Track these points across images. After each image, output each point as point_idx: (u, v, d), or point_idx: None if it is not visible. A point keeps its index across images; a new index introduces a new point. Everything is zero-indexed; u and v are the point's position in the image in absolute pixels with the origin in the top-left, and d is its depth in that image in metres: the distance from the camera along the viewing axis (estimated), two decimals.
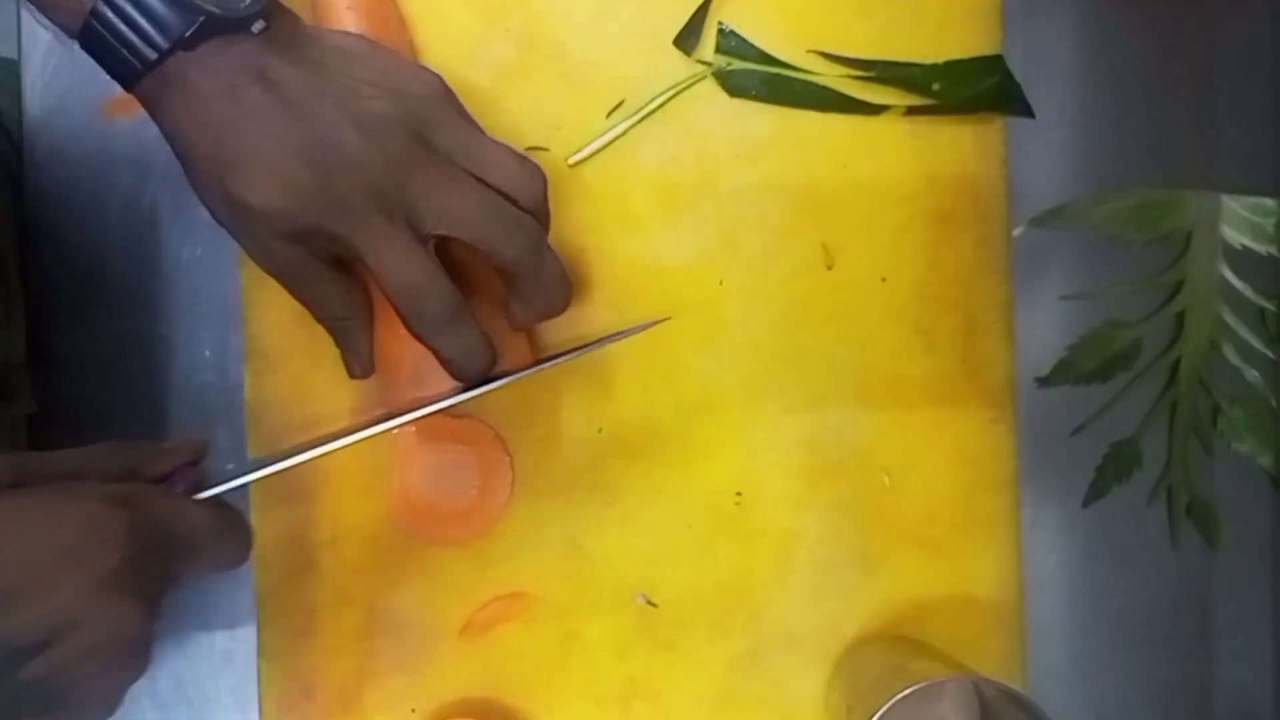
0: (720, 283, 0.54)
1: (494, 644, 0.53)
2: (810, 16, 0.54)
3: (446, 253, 0.48)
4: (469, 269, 0.49)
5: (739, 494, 0.54)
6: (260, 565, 0.53)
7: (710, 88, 0.54)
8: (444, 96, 0.45)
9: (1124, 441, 0.56)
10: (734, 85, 0.54)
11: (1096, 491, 0.55)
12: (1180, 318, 0.56)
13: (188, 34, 0.40)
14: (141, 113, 0.43)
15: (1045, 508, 0.56)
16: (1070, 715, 0.55)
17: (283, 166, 0.42)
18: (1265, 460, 0.55)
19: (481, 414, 0.53)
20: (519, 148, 0.46)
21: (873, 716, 0.45)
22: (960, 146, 0.54)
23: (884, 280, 0.54)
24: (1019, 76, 0.53)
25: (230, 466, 0.42)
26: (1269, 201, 0.55)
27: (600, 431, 0.54)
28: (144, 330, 0.55)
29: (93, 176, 0.55)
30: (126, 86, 0.43)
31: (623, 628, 0.54)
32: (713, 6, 0.54)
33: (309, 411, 0.53)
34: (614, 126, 0.54)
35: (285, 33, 0.43)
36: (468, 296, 0.45)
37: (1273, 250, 0.55)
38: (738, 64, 0.54)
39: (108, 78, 0.42)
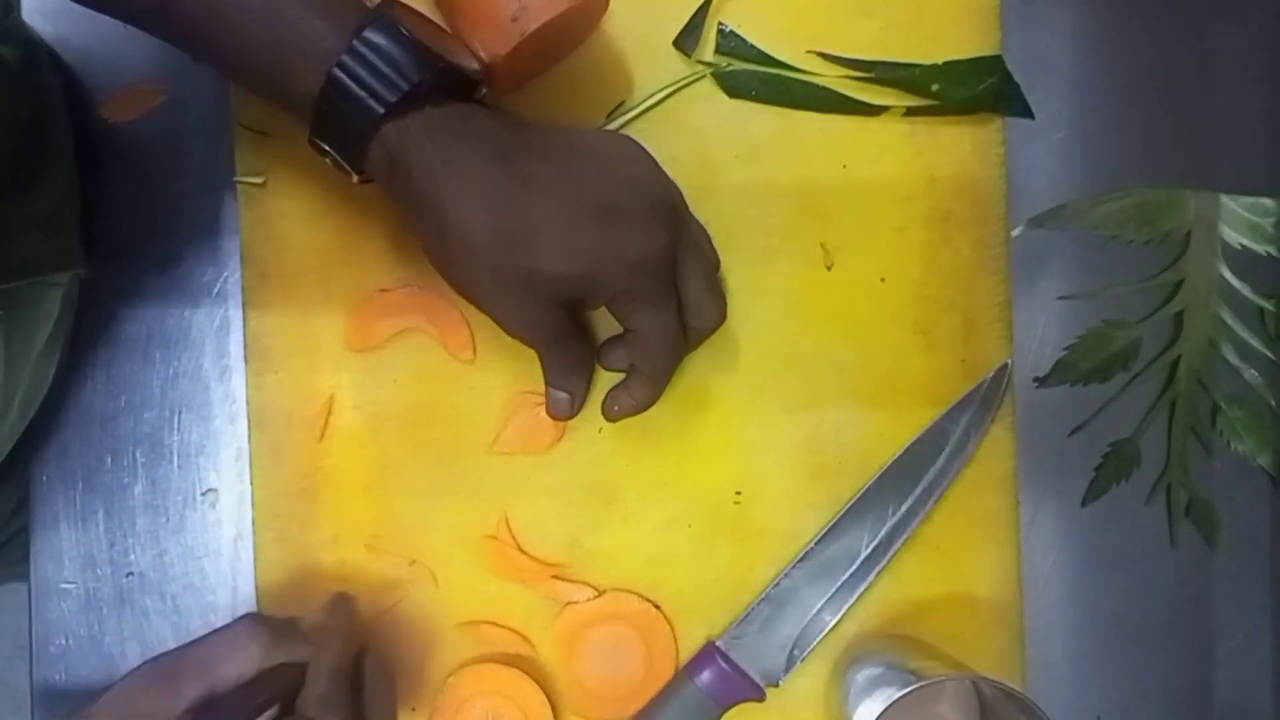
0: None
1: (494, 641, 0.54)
2: (810, 17, 0.54)
3: None
4: None
5: (739, 494, 0.54)
6: (260, 565, 0.53)
7: (710, 88, 0.54)
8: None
9: (1123, 441, 0.56)
10: (734, 86, 0.54)
11: (1095, 491, 0.56)
12: (1179, 318, 0.56)
13: (425, 77, 0.42)
14: (141, 114, 0.44)
15: (1044, 507, 0.56)
16: (1069, 714, 0.55)
17: (579, 233, 0.43)
18: (1264, 460, 0.55)
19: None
20: None
21: (873, 716, 0.45)
22: (959, 147, 0.54)
23: (883, 280, 0.54)
24: (1018, 77, 0.53)
25: None
26: (1268, 201, 0.55)
27: (600, 431, 0.54)
28: (141, 336, 0.55)
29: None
30: (361, 154, 0.43)
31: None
32: (713, 7, 0.54)
33: (309, 411, 0.53)
34: (613, 125, 0.54)
35: (494, 104, 0.46)
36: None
37: (1271, 250, 0.55)
38: (737, 64, 0.54)
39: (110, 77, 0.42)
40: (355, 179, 0.45)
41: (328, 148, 0.44)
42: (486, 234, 0.43)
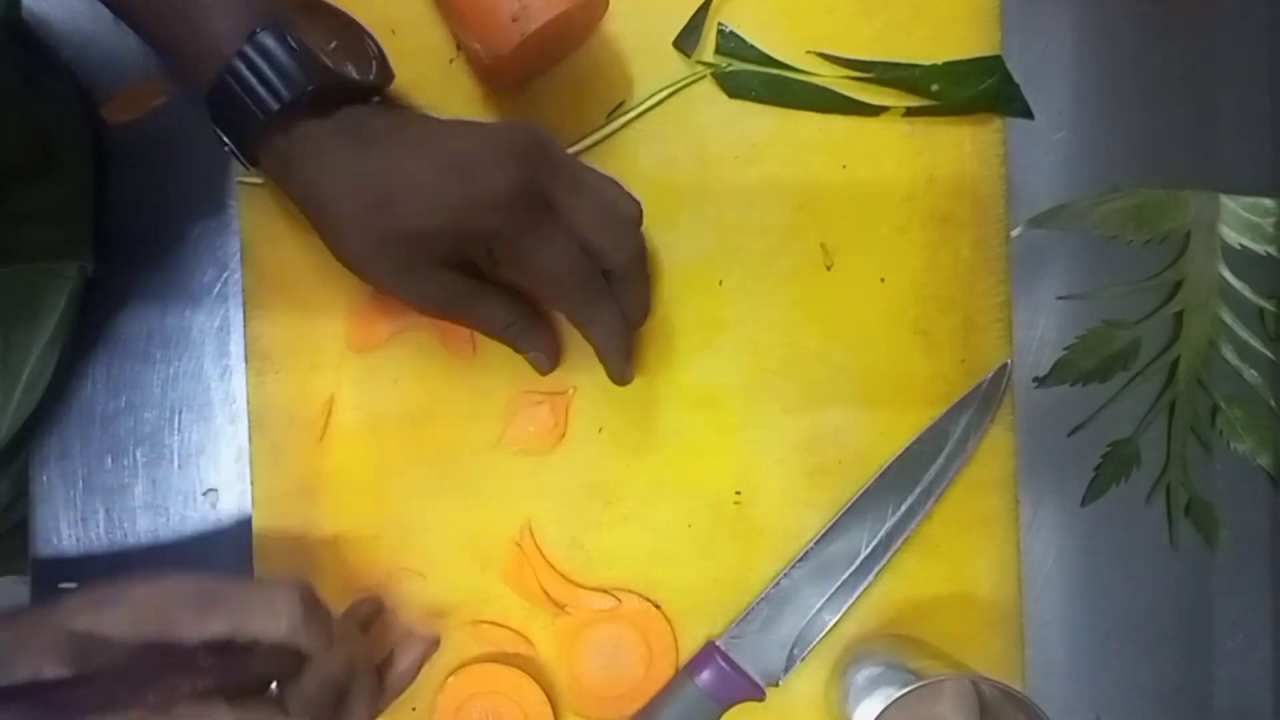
0: (720, 283, 0.54)
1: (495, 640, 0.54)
2: (810, 18, 0.54)
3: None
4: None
5: (739, 493, 0.54)
6: (260, 565, 0.53)
7: (710, 88, 0.54)
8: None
9: (1122, 441, 0.56)
10: (733, 86, 0.54)
11: (1095, 491, 0.56)
12: (1179, 317, 0.56)
13: (310, 88, 0.43)
14: (141, 114, 0.44)
15: (1044, 507, 0.56)
16: (1069, 714, 0.55)
17: (431, 186, 0.44)
18: (1264, 459, 0.55)
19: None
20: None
21: (873, 716, 0.45)
22: (959, 147, 0.54)
23: (883, 280, 0.54)
24: (1018, 77, 0.53)
25: None
26: (1267, 201, 0.55)
27: (600, 431, 0.54)
28: (142, 336, 0.55)
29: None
30: (252, 149, 0.45)
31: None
32: (713, 7, 0.54)
33: (309, 411, 0.54)
34: (613, 125, 0.54)
35: (394, 103, 0.47)
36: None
37: (1271, 250, 0.55)
38: (737, 65, 0.54)
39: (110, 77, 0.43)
40: (250, 171, 0.47)
41: (226, 139, 0.45)
42: (356, 208, 0.44)
